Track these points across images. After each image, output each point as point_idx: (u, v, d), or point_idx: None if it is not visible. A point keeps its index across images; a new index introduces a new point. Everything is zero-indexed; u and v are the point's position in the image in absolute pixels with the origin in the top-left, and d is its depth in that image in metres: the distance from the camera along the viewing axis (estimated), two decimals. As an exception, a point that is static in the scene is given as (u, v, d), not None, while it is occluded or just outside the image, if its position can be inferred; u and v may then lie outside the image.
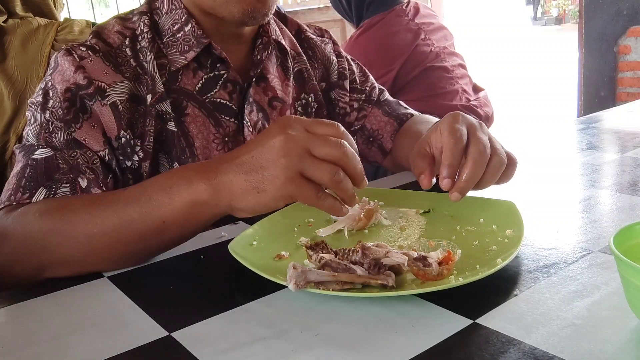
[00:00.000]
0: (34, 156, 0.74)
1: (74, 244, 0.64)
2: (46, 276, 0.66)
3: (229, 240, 0.66)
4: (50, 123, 0.75)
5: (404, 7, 1.84)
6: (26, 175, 0.73)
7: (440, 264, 0.55)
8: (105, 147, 0.77)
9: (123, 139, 0.79)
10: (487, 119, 1.88)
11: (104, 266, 0.66)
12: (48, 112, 0.76)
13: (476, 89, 1.94)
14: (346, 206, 0.61)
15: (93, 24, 1.20)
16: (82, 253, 0.64)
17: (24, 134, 0.78)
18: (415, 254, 0.56)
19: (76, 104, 0.77)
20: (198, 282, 0.63)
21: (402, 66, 1.79)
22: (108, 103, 0.78)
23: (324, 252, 0.59)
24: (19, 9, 1.18)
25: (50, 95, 0.77)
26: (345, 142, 0.60)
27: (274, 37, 0.92)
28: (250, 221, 0.75)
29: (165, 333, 0.51)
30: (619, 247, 0.46)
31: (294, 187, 0.58)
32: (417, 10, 1.86)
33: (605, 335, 0.46)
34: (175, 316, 0.54)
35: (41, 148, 0.74)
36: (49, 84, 0.78)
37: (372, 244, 0.58)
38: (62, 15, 1.30)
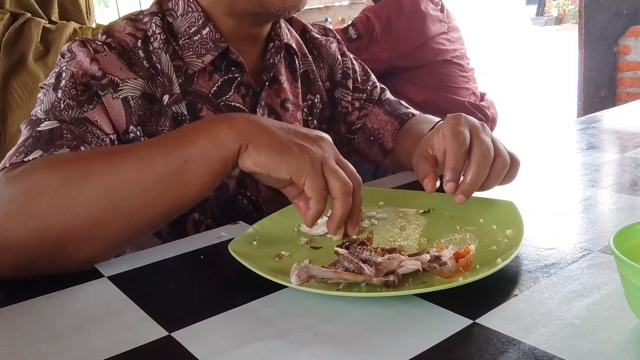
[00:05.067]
0: (38, 128, 0.72)
1: (92, 195, 0.61)
2: (54, 245, 0.61)
3: (229, 240, 0.66)
4: (62, 101, 0.75)
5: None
6: (26, 144, 0.70)
7: (457, 259, 0.55)
8: (114, 133, 0.78)
9: (132, 134, 0.79)
10: (494, 121, 1.92)
11: (119, 227, 0.63)
12: (60, 91, 0.76)
13: (481, 94, 2.00)
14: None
15: None
16: (100, 207, 0.61)
17: (32, 113, 0.77)
18: (427, 257, 0.56)
19: (92, 88, 0.77)
20: (198, 282, 0.63)
21: (420, 46, 1.84)
22: (120, 97, 0.78)
23: (362, 247, 0.58)
24: (54, 16, 1.32)
25: (63, 76, 0.77)
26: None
27: (285, 40, 0.92)
28: (250, 221, 0.75)
29: (165, 333, 0.51)
30: (619, 247, 0.46)
31: (312, 169, 0.60)
32: (443, 5, 1.95)
33: (605, 335, 0.46)
34: (175, 316, 0.54)
35: (48, 121, 0.73)
36: (64, 67, 0.78)
37: (381, 258, 0.56)
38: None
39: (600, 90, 3.74)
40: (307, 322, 0.51)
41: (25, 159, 0.67)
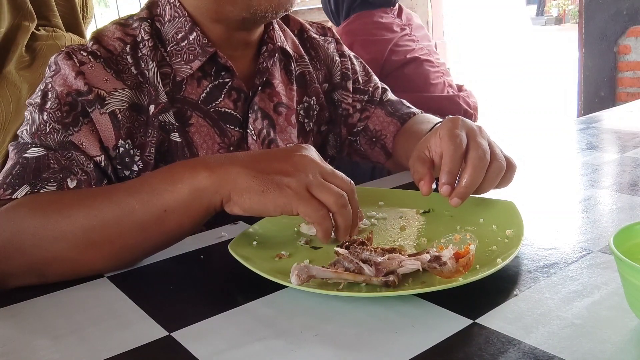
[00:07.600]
0: (25, 155, 0.73)
1: (71, 238, 0.63)
2: (40, 277, 0.64)
3: (229, 240, 0.66)
4: (47, 124, 0.74)
5: (390, 8, 1.97)
6: (13, 172, 0.72)
7: (457, 259, 0.55)
8: (102, 153, 0.76)
9: (121, 149, 0.78)
10: (475, 109, 1.95)
11: (101, 263, 0.64)
12: (46, 113, 0.75)
13: (458, 86, 2.01)
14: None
15: None
16: (80, 248, 0.63)
17: (18, 132, 0.77)
18: (427, 257, 0.56)
19: (77, 108, 0.76)
20: (198, 282, 0.63)
21: (390, 52, 1.86)
22: (107, 112, 0.77)
23: (362, 247, 0.58)
24: (55, 18, 1.21)
25: (49, 96, 0.76)
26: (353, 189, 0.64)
27: (279, 43, 0.91)
28: (251, 221, 0.75)
29: (165, 333, 0.51)
30: (619, 247, 0.46)
31: (298, 199, 0.60)
32: (401, 9, 1.99)
33: (605, 335, 0.46)
34: (175, 316, 0.54)
35: (34, 147, 0.73)
36: (49, 85, 0.77)
37: (381, 258, 0.56)
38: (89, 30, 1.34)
39: (600, 90, 3.74)
40: (307, 322, 0.51)
41: (13, 196, 0.69)
